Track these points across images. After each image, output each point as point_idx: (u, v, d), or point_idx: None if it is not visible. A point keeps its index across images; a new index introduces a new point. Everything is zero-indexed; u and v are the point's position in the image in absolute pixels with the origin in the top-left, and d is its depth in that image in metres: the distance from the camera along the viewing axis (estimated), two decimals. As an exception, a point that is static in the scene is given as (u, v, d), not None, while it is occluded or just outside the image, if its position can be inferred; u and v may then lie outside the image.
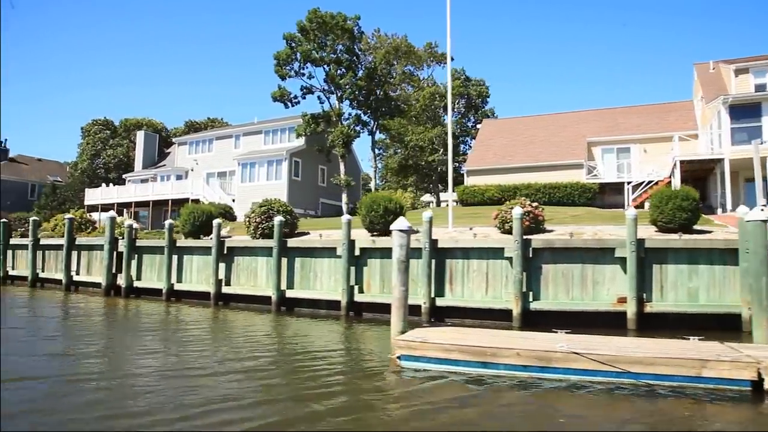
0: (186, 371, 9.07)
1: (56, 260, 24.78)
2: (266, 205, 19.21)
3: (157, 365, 9.66)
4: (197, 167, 43.99)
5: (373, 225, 17.48)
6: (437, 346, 8.36)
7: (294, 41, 35.40)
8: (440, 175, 54.78)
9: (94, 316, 16.51)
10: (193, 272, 19.44)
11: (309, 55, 34.70)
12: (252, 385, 8.21)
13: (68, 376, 8.52)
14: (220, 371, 8.96)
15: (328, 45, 35.49)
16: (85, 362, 9.77)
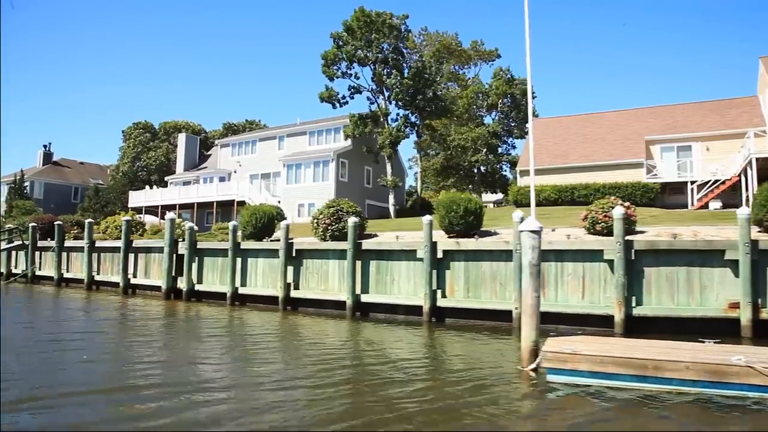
0: (279, 382, 8.36)
1: (112, 263, 24.38)
2: (335, 206, 18.44)
3: (251, 375, 8.91)
4: (240, 169, 43.61)
5: (452, 226, 16.62)
6: (590, 359, 7.45)
7: (341, 40, 34.75)
8: (483, 176, 53.80)
9: (159, 321, 15.94)
10: (258, 275, 18.77)
11: (356, 54, 33.99)
12: (369, 401, 7.36)
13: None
14: (322, 383, 8.16)
15: (375, 44, 34.72)
16: (175, 371, 9.08)
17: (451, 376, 8.92)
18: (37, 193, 53.83)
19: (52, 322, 15.62)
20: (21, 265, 30.99)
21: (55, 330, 14.00)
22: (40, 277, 28.90)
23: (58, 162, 60.58)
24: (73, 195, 58.19)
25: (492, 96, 49.66)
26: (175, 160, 56.54)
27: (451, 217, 16.54)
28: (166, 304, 19.54)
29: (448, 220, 16.58)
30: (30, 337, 12.62)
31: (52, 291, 24.81)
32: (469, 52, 44.28)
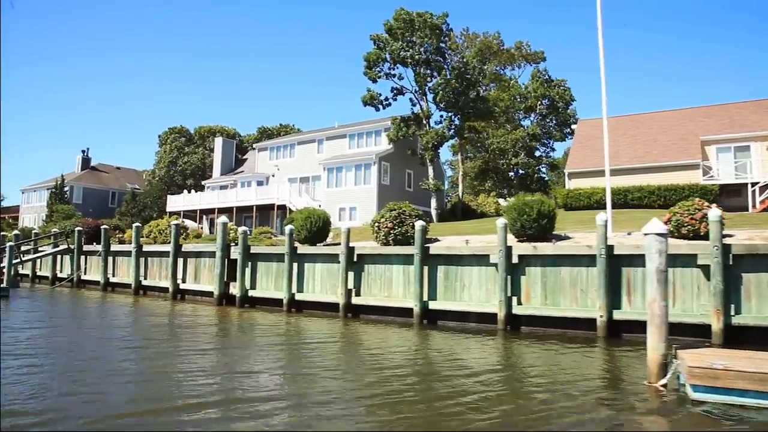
0: (344, 395, 7.72)
1: (160, 267, 24.00)
2: (397, 209, 17.71)
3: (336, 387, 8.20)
4: (278, 173, 43.23)
5: (524, 230, 15.78)
6: (750, 376, 6.57)
7: (382, 41, 34.12)
8: (521, 179, 52.75)
9: (213, 328, 15.38)
10: (316, 281, 18.12)
11: (398, 55, 33.29)
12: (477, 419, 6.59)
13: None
14: (395, 399, 7.41)
15: (419, 44, 34.00)
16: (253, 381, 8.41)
17: (566, 390, 8.08)
18: (76, 198, 54.21)
19: (106, 328, 15.18)
20: (66, 269, 30.88)
21: (109, 337, 13.50)
22: (85, 281, 28.73)
23: (96, 167, 61.06)
24: (111, 199, 58.55)
25: (531, 98, 48.65)
26: (210, 165, 56.50)
27: (523, 221, 15.70)
28: (218, 310, 19.01)
29: (520, 224, 15.74)
30: (85, 345, 12.13)
31: (99, 295, 24.53)
32: (512, 52, 43.29)
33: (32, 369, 9.10)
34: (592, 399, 7.62)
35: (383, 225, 17.48)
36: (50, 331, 14.37)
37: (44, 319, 17.13)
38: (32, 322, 15.85)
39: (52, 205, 49.47)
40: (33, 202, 59.56)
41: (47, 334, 13.63)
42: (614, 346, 12.34)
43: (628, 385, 8.38)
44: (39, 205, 58.02)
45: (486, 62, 36.73)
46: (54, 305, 21.25)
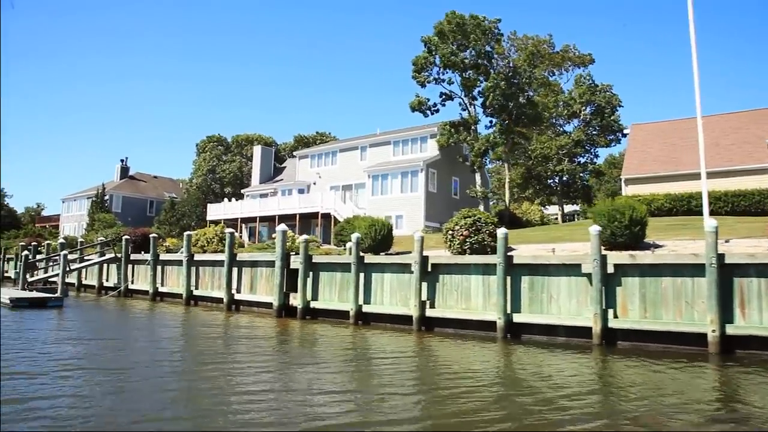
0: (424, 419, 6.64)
1: (212, 277, 23.34)
2: (472, 216, 16.75)
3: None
4: (320, 180, 42.58)
5: (614, 237, 14.69)
6: None
7: (432, 45, 33.26)
8: (564, 187, 51.34)
9: (275, 341, 14.57)
10: (385, 292, 17.19)
11: (449, 59, 32.38)
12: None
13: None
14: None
15: (472, 48, 33.06)
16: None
17: (677, 415, 7.02)
18: (116, 207, 54.31)
19: (171, 341, 14.45)
20: (113, 278, 30.49)
21: (176, 350, 12.75)
22: (132, 290, 28.28)
23: (134, 176, 61.27)
24: (149, 208, 58.60)
25: (575, 104, 47.32)
26: (247, 173, 56.21)
27: (613, 227, 14.63)
28: (278, 322, 18.20)
29: (610, 231, 14.67)
30: (159, 359, 11.36)
31: (148, 305, 23.97)
32: (562, 55, 42.07)
33: (121, 385, 8.35)
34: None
35: (458, 233, 16.53)
36: (117, 343, 13.66)
37: (104, 329, 16.51)
38: (93, 333, 15.24)
39: (93, 214, 49.51)
40: (73, 211, 59.90)
41: (117, 347, 12.90)
42: (729, 364, 11.21)
43: (757, 410, 7.28)
44: (79, 214, 58.32)
45: (536, 66, 35.55)
46: (107, 315, 20.67)
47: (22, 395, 7.70)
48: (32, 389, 8.11)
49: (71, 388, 8.41)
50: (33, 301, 21.09)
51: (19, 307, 20.53)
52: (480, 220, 16.56)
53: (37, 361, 10.54)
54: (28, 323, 17.21)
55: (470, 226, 16.40)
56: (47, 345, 12.76)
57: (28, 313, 19.23)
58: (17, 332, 14.91)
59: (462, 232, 16.41)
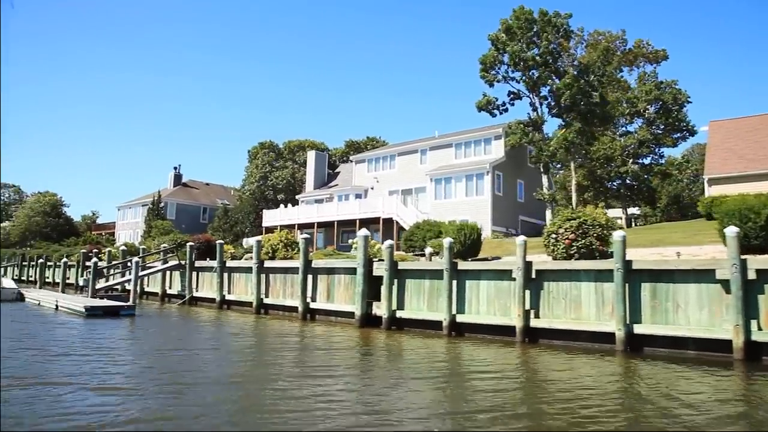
0: None
1: (284, 284, 22.45)
2: (577, 218, 15.39)
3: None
4: (378, 185, 41.57)
5: (747, 240, 13.16)
6: None
7: (500, 43, 31.95)
8: (629, 188, 49.20)
9: (372, 353, 13.40)
10: (481, 301, 15.92)
11: (519, 56, 31.01)
12: None
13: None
14: None
15: (538, 45, 31.62)
16: None
17: None
18: (170, 214, 54.45)
19: (252, 350, 13.48)
20: (176, 286, 30.01)
21: (268, 363, 11.72)
22: (197, 298, 27.68)
23: (187, 183, 61.50)
24: (202, 215, 58.64)
25: (639, 102, 45.21)
26: (300, 179, 55.69)
27: (747, 228, 13.10)
28: (360, 333, 17.10)
29: (744, 232, 13.11)
30: (256, 375, 10.35)
31: (215, 314, 23.26)
32: (635, 52, 40.12)
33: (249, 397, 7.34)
34: None
35: (562, 236, 15.17)
36: (211, 355, 12.73)
37: (185, 339, 15.64)
38: (178, 344, 14.40)
39: (149, 221, 49.60)
40: (128, 219, 60.40)
41: (214, 359, 11.96)
42: None
43: None
44: (134, 221, 58.73)
45: (609, 63, 33.83)
46: (181, 325, 19.97)
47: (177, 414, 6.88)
48: (182, 409, 7.28)
49: (206, 404, 7.50)
50: (106, 310, 20.58)
51: (93, 315, 20.02)
52: (586, 222, 15.17)
53: (145, 375, 9.68)
54: (107, 332, 16.58)
55: (576, 228, 15.03)
56: (143, 356, 11.95)
57: (102, 322, 18.66)
58: (107, 341, 14.22)
59: (567, 236, 15.04)
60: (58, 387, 8.62)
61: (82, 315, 20.25)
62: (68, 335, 15.81)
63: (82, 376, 9.68)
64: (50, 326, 17.86)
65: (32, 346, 12.99)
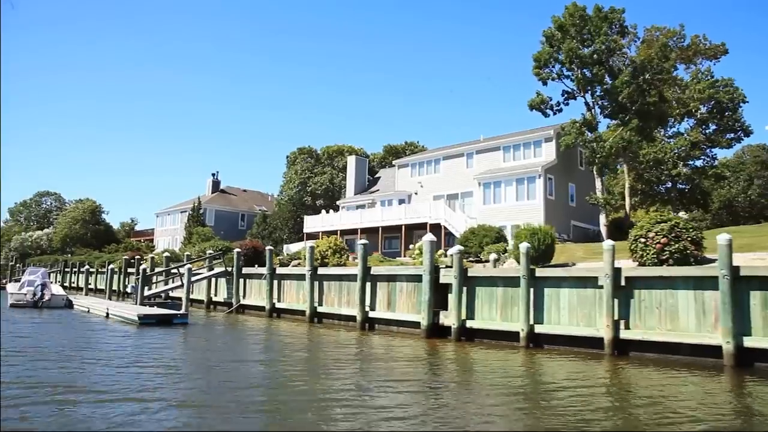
0: None
1: (339, 292, 21.63)
2: (668, 221, 14.25)
3: None
4: (421, 190, 40.62)
5: None
6: None
7: (554, 40, 30.83)
8: (679, 192, 47.38)
9: (434, 369, 12.41)
10: (561, 310, 14.86)
11: (575, 53, 29.85)
12: None
13: None
14: None
15: (597, 42, 30.41)
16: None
17: None
18: (209, 220, 54.26)
19: (318, 360, 12.61)
20: (222, 293, 29.50)
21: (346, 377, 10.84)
22: (244, 306, 27.09)
23: (225, 190, 61.40)
24: (240, 221, 58.39)
25: (693, 101, 43.41)
26: (338, 185, 55.07)
27: None
28: (427, 344, 16.16)
29: None
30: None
31: (266, 322, 22.61)
32: (694, 48, 38.50)
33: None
34: None
35: (653, 241, 14.02)
36: (281, 366, 11.90)
37: (248, 349, 14.89)
38: (242, 354, 13.64)
39: (189, 227, 49.41)
40: (167, 225, 60.47)
41: (285, 371, 11.13)
42: None
43: None
44: (172, 228, 58.74)
45: (668, 59, 32.42)
46: (237, 334, 19.24)
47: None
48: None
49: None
50: (160, 318, 20.02)
51: (147, 324, 19.46)
52: (678, 225, 14.01)
53: (223, 391, 8.89)
54: (165, 342, 15.93)
55: (669, 231, 13.87)
56: (211, 369, 11.19)
57: (157, 331, 18.05)
58: (167, 351, 13.53)
59: (659, 240, 13.90)
60: (142, 403, 7.89)
61: (135, 324, 19.73)
62: (127, 345, 15.20)
63: (157, 390, 8.97)
64: (106, 335, 17.32)
65: (98, 358, 12.36)
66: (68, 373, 10.45)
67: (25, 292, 27.90)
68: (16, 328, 18.98)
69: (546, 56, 31.07)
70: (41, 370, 10.60)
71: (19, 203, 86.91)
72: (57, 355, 12.69)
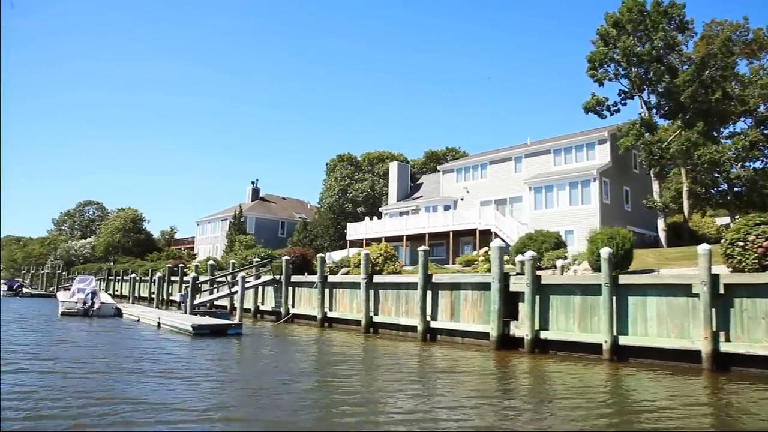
0: None
1: (396, 301, 20.82)
2: (765, 221, 13.07)
3: None
4: (467, 195, 39.64)
5: None
6: None
7: (609, 38, 29.64)
8: (736, 195, 45.34)
9: (539, 385, 11.42)
10: (649, 320, 13.76)
11: (632, 51, 28.62)
12: None
13: None
14: None
15: (654, 39, 29.14)
16: None
17: None
18: (249, 228, 54.07)
19: (391, 373, 11.77)
20: (269, 302, 28.97)
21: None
22: (294, 315, 26.44)
23: (264, 197, 61.28)
24: (280, 229, 58.12)
25: (754, 99, 41.40)
26: (379, 192, 54.40)
27: None
28: (499, 356, 15.22)
29: None
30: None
31: (318, 332, 21.96)
32: (760, 42, 36.68)
33: None
34: None
35: (753, 244, 12.84)
36: (358, 381, 11.13)
37: (318, 362, 14.15)
38: (313, 366, 12.91)
39: (231, 235, 49.25)
40: (207, 233, 60.58)
41: (372, 386, 10.36)
42: None
43: None
44: (213, 236, 58.80)
45: (731, 54, 30.90)
46: (296, 346, 18.53)
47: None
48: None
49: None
50: (213, 329, 19.44)
51: (201, 335, 18.91)
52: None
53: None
54: (225, 354, 15.35)
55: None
56: (283, 386, 10.46)
57: (212, 342, 17.48)
58: (229, 362, 12.90)
59: (761, 243, 12.72)
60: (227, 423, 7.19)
61: (188, 334, 19.20)
62: (185, 357, 14.63)
63: (233, 408, 8.27)
64: (161, 346, 16.78)
65: (161, 370, 11.75)
66: (141, 387, 9.85)
67: (76, 300, 27.81)
68: (71, 337, 18.69)
69: (601, 56, 29.85)
70: (110, 383, 10.08)
71: (63, 213, 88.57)
72: (117, 366, 12.17)
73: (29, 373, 10.96)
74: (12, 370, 11.18)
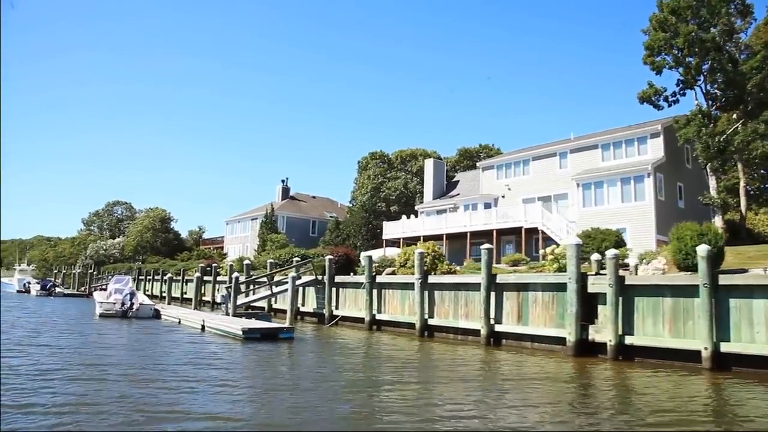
0: None
1: (454, 303, 19.67)
2: None
3: None
4: (509, 193, 38.30)
5: None
6: None
7: (667, 24, 28.09)
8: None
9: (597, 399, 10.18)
10: (756, 326, 12.39)
11: (694, 38, 27.08)
12: None
13: None
14: None
15: (716, 24, 27.60)
16: None
17: None
18: (280, 227, 53.21)
19: (469, 383, 10.63)
20: (310, 303, 28.02)
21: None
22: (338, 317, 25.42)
23: (294, 196, 60.47)
24: (311, 228, 57.24)
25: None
26: (413, 190, 53.22)
27: None
28: (578, 364, 14.01)
29: None
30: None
31: (367, 335, 21.03)
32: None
33: None
34: None
35: None
36: (444, 393, 10.02)
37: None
38: (368, 377, 11.82)
39: (263, 234, 48.45)
40: (237, 233, 59.92)
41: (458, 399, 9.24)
42: None
43: None
44: (243, 236, 58.11)
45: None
46: (345, 350, 17.48)
47: None
48: None
49: None
50: (264, 333, 18.42)
51: (251, 339, 17.92)
52: None
53: None
54: (286, 362, 14.35)
55: None
56: (361, 391, 9.39)
57: (264, 347, 16.49)
58: (298, 372, 11.91)
59: None
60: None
61: (238, 338, 18.21)
62: (243, 364, 13.65)
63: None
64: (214, 350, 15.82)
65: (225, 380, 10.77)
66: (211, 399, 8.84)
67: (114, 301, 27.09)
68: (115, 341, 17.85)
69: (660, 42, 28.29)
70: (172, 395, 9.12)
71: (92, 213, 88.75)
72: (174, 375, 11.23)
73: (84, 382, 10.10)
74: (67, 377, 10.32)
